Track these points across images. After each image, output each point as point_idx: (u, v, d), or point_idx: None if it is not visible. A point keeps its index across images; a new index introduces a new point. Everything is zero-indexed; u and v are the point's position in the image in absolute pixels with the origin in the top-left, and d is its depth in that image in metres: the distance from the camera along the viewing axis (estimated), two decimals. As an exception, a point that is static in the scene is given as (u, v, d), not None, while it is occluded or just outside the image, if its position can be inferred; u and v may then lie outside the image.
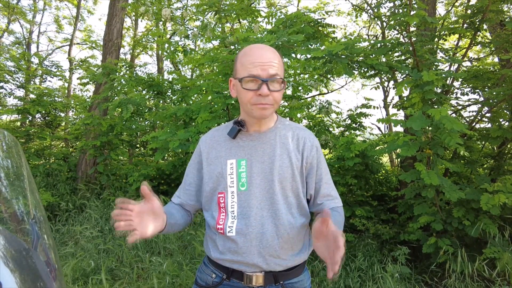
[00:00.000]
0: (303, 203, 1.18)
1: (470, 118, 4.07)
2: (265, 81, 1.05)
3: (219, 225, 1.14)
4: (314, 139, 1.21)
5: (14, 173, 1.03)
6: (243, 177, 1.14)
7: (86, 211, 4.73)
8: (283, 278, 1.14)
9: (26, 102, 6.54)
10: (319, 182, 1.19)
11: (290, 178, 1.14)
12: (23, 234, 0.96)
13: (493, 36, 4.38)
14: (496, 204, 2.58)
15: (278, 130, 1.19)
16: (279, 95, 1.10)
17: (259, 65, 1.06)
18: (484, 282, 2.71)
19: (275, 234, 1.11)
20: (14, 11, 11.02)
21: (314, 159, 1.18)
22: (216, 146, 1.21)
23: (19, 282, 0.80)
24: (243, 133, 1.18)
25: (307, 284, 1.21)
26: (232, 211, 1.13)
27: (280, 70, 1.09)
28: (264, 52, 1.09)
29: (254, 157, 1.15)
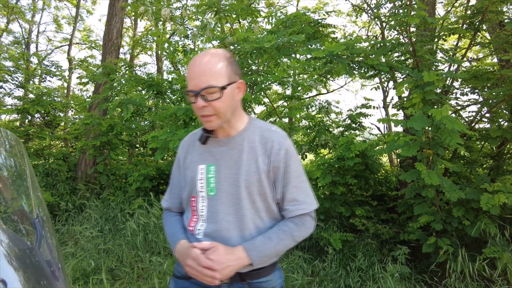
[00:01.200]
0: (272, 207, 1.18)
1: (470, 118, 4.08)
2: (197, 93, 1.07)
3: (190, 226, 1.20)
4: (283, 142, 1.17)
5: (17, 172, 1.03)
6: (212, 182, 1.16)
7: (86, 211, 4.72)
8: (249, 277, 1.16)
9: (26, 102, 6.53)
10: (286, 186, 1.17)
11: (257, 183, 1.14)
12: (26, 233, 0.96)
13: (492, 36, 4.39)
14: (496, 204, 2.59)
15: (246, 134, 1.19)
16: (219, 103, 1.08)
17: (192, 79, 1.08)
18: (484, 282, 2.71)
19: (240, 238, 1.13)
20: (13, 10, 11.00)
21: (281, 163, 1.15)
22: (191, 151, 1.25)
23: (22, 281, 0.80)
24: (213, 139, 1.20)
25: (276, 283, 1.22)
26: (202, 214, 1.17)
27: (216, 78, 1.07)
28: (195, 65, 1.09)
29: (223, 163, 1.17)
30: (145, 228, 3.96)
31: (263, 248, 1.10)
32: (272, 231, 1.15)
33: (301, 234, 1.18)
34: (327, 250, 3.30)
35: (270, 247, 1.11)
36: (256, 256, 1.09)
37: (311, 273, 3.13)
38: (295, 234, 1.16)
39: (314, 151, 4.55)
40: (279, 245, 1.13)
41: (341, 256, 3.33)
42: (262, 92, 4.34)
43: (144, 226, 3.98)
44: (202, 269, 1.05)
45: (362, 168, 3.91)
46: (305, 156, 4.89)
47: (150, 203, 4.45)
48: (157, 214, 4.10)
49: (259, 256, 1.10)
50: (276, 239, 1.13)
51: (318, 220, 3.65)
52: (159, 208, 4.22)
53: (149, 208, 4.26)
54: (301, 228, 1.18)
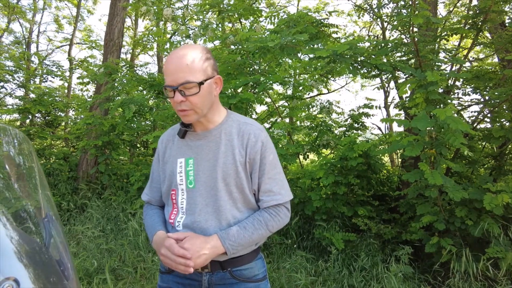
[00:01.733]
0: (249, 198, 1.21)
1: (472, 118, 4.09)
2: (175, 88, 1.09)
3: (170, 219, 1.22)
4: (260, 134, 1.20)
5: (26, 171, 1.03)
6: (191, 175, 1.19)
7: (88, 210, 4.72)
8: (229, 265, 1.18)
9: (27, 101, 6.52)
10: (261, 177, 1.19)
11: (234, 175, 1.17)
12: (35, 232, 0.96)
13: (494, 36, 4.39)
14: (499, 203, 2.59)
15: (224, 127, 1.22)
16: (196, 98, 1.11)
17: (170, 74, 1.10)
18: (488, 282, 2.71)
19: (218, 229, 1.16)
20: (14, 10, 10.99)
21: (257, 155, 1.18)
22: (170, 145, 1.28)
23: (35, 281, 0.79)
24: (192, 133, 1.24)
25: (259, 272, 1.24)
26: (182, 207, 1.20)
27: (194, 74, 1.09)
28: (172, 61, 1.11)
29: (201, 156, 1.20)
30: (147, 228, 3.96)
31: (237, 237, 1.13)
32: (247, 221, 1.18)
33: (275, 224, 1.20)
34: (329, 250, 3.30)
35: (245, 236, 1.14)
36: (230, 245, 1.11)
37: (314, 273, 3.13)
38: (270, 224, 1.19)
39: (316, 151, 4.55)
40: (254, 235, 1.15)
41: (343, 256, 3.33)
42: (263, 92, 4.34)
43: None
44: (175, 257, 1.07)
45: (364, 168, 3.91)
46: (307, 156, 4.89)
47: (152, 203, 4.44)
48: (159, 214, 4.09)
49: (233, 245, 1.12)
50: (251, 228, 1.15)
51: (320, 220, 3.65)
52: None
53: None
54: (276, 218, 1.20)
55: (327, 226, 3.59)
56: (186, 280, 1.21)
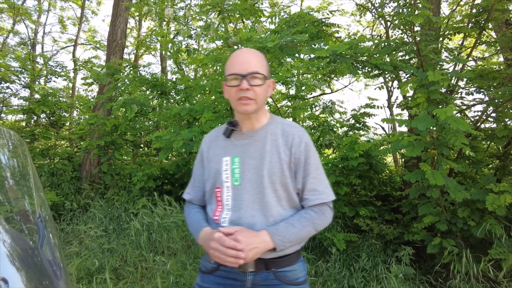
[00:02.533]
0: (293, 196, 1.24)
1: (475, 118, 4.05)
2: (244, 76, 1.17)
3: (215, 216, 1.25)
4: (303, 135, 1.26)
5: (20, 172, 1.04)
6: (237, 173, 1.23)
7: (91, 210, 4.75)
8: (274, 265, 1.20)
9: (31, 102, 6.58)
10: (306, 177, 1.23)
11: (279, 173, 1.21)
12: (29, 233, 0.96)
13: (498, 35, 4.35)
14: (502, 204, 2.57)
15: (269, 128, 1.28)
16: (260, 89, 1.20)
17: (239, 64, 1.20)
18: (489, 283, 2.68)
19: (265, 224, 1.19)
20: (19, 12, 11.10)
21: (301, 155, 1.23)
22: (215, 145, 1.33)
23: (25, 280, 0.80)
24: (237, 133, 1.29)
25: (301, 275, 1.25)
26: (227, 204, 1.23)
27: (261, 68, 1.20)
28: (243, 53, 1.23)
29: (247, 154, 1.24)
30: (149, 227, 3.98)
31: (286, 233, 1.15)
32: (294, 218, 1.21)
33: (321, 223, 1.23)
34: (330, 251, 3.28)
35: (293, 232, 1.17)
36: (279, 241, 1.14)
37: (314, 274, 3.12)
38: (316, 222, 1.22)
39: (318, 151, 4.54)
40: (301, 232, 1.18)
41: (344, 257, 3.31)
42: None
43: (148, 226, 3.99)
44: (226, 249, 1.09)
45: (366, 168, 3.89)
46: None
47: (154, 203, 4.47)
48: (161, 214, 4.11)
49: (282, 241, 1.14)
50: (298, 225, 1.18)
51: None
52: (163, 208, 4.23)
53: (153, 208, 4.27)
54: (321, 216, 1.23)
55: (329, 226, 3.58)
56: (228, 280, 1.22)
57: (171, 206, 4.30)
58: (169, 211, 4.19)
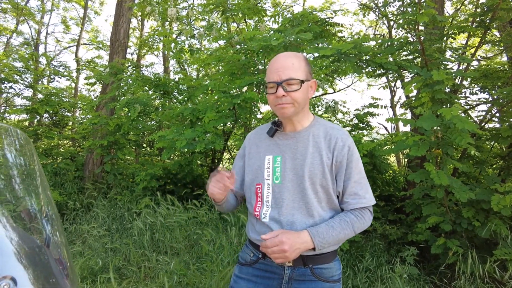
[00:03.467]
0: (332, 198, 1.27)
1: (479, 118, 4.02)
2: (278, 84, 1.20)
3: (255, 211, 1.30)
4: (347, 139, 1.27)
5: (27, 171, 1.03)
6: (278, 171, 1.27)
7: (93, 210, 4.76)
8: (311, 262, 1.24)
9: (34, 102, 6.60)
10: (348, 180, 1.25)
11: (320, 175, 1.23)
12: (36, 232, 0.96)
13: (503, 35, 4.32)
14: (507, 204, 2.55)
15: (312, 130, 1.30)
16: (297, 94, 1.22)
17: (274, 71, 1.22)
18: (495, 284, 2.67)
19: (304, 223, 1.23)
20: (22, 12, 11.13)
21: (344, 158, 1.25)
22: (258, 143, 1.37)
23: (32, 279, 0.80)
24: (281, 133, 1.33)
25: (336, 273, 1.28)
26: (267, 200, 1.28)
27: (297, 72, 1.22)
28: (279, 59, 1.25)
29: (288, 154, 1.28)
30: (152, 227, 3.98)
31: (326, 235, 1.19)
32: (334, 220, 1.23)
33: (360, 226, 1.25)
34: (334, 251, 3.27)
35: (333, 234, 1.19)
36: (319, 242, 1.18)
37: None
38: (356, 225, 1.23)
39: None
40: (340, 234, 1.21)
41: (348, 257, 3.30)
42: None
43: (151, 226, 3.99)
44: (272, 250, 1.14)
45: (369, 168, 3.88)
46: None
47: (157, 203, 4.47)
48: (164, 214, 4.11)
49: (322, 242, 1.18)
50: (338, 228, 1.21)
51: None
52: (165, 208, 4.23)
53: (156, 207, 4.27)
54: (361, 220, 1.25)
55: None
56: (267, 273, 1.28)
57: (174, 206, 4.30)
58: (172, 210, 4.19)
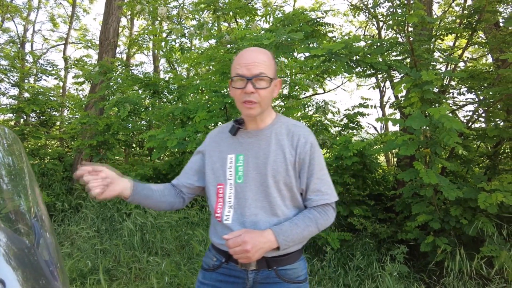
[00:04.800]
0: (296, 196, 1.24)
1: (466, 118, 4.11)
2: (249, 79, 1.16)
3: (217, 213, 1.25)
4: (309, 136, 1.25)
5: (15, 171, 1.01)
6: (240, 170, 1.23)
7: (82, 211, 4.68)
8: (275, 264, 1.21)
9: (21, 101, 6.47)
10: (310, 177, 1.23)
11: (284, 173, 1.21)
12: (25, 233, 0.94)
13: (488, 37, 4.41)
14: (494, 202, 2.61)
15: (274, 128, 1.27)
16: (265, 92, 1.19)
17: (244, 65, 1.17)
18: (482, 280, 2.72)
19: (268, 223, 1.19)
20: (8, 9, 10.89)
21: (306, 155, 1.23)
22: (220, 142, 1.32)
23: (21, 281, 0.78)
24: (243, 131, 1.29)
25: (301, 273, 1.26)
26: (230, 201, 1.23)
27: (267, 70, 1.19)
28: (250, 54, 1.20)
29: (251, 153, 1.24)
30: (142, 228, 3.94)
31: (290, 233, 1.16)
32: (298, 217, 1.21)
33: (324, 223, 1.24)
34: (325, 250, 3.30)
35: (297, 232, 1.17)
36: (283, 240, 1.14)
37: (310, 272, 3.12)
38: (319, 222, 1.22)
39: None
40: (304, 231, 1.19)
41: (339, 256, 3.33)
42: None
43: (141, 226, 3.95)
44: (234, 250, 1.10)
45: (359, 167, 3.91)
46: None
47: (147, 203, 4.41)
48: (154, 214, 4.07)
49: (286, 240, 1.15)
50: (302, 225, 1.19)
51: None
52: (156, 208, 4.19)
53: (146, 208, 4.23)
54: (324, 217, 1.24)
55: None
56: (230, 278, 1.24)
57: (164, 206, 4.26)
58: (163, 211, 4.15)
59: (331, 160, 3.74)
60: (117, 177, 1.14)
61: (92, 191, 1.06)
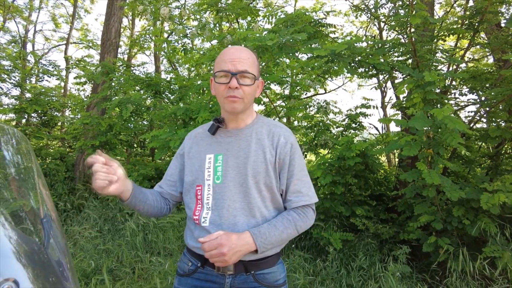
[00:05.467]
0: (277, 196, 1.22)
1: (468, 118, 4.11)
2: (234, 74, 1.15)
3: (195, 216, 1.21)
4: (289, 136, 1.24)
5: (24, 171, 1.02)
6: (219, 170, 1.20)
7: (85, 211, 4.70)
8: (253, 268, 1.17)
9: (23, 101, 6.48)
10: (290, 178, 1.21)
11: (264, 173, 1.18)
12: (34, 233, 0.95)
13: (490, 37, 4.42)
14: (496, 203, 2.61)
15: (255, 127, 1.25)
16: (249, 89, 1.18)
17: (229, 61, 1.16)
18: (484, 281, 2.73)
19: (246, 225, 1.16)
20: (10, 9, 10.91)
21: (287, 156, 1.21)
22: (199, 142, 1.29)
23: (34, 281, 0.79)
24: (223, 130, 1.26)
25: (280, 277, 1.23)
26: (207, 202, 1.19)
27: (251, 67, 1.18)
28: (234, 51, 1.20)
29: (230, 152, 1.21)
30: (145, 228, 3.95)
31: (268, 235, 1.13)
32: (277, 219, 1.18)
33: (303, 225, 1.21)
34: (327, 250, 3.30)
35: (276, 234, 1.14)
36: (261, 243, 1.11)
37: (312, 273, 3.13)
38: (298, 224, 1.19)
39: (314, 151, 4.56)
40: (283, 233, 1.16)
41: (341, 256, 3.33)
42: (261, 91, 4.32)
43: (143, 226, 3.96)
44: (210, 253, 1.06)
45: (362, 168, 3.91)
46: (304, 156, 4.89)
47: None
48: (157, 214, 4.08)
49: (264, 243, 1.12)
50: (281, 227, 1.16)
51: (318, 220, 3.65)
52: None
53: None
54: (304, 218, 1.21)
55: (325, 226, 3.60)
56: (207, 283, 1.19)
57: (167, 206, 4.27)
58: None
59: (333, 161, 3.75)
60: (124, 177, 1.12)
61: (96, 182, 1.03)
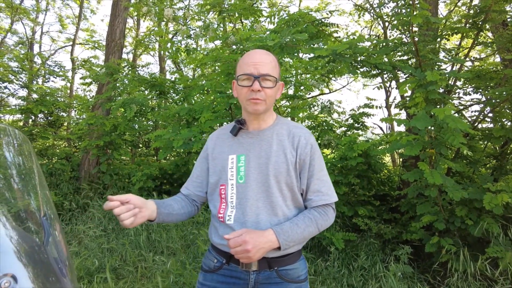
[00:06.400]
0: (297, 196, 1.26)
1: (473, 118, 4.08)
2: (256, 77, 1.19)
3: (219, 214, 1.26)
4: (309, 137, 1.28)
5: (25, 171, 1.04)
6: (242, 170, 1.25)
7: (89, 210, 4.75)
8: (276, 264, 1.22)
9: (29, 102, 6.57)
10: (311, 178, 1.25)
11: (285, 173, 1.23)
12: (34, 231, 0.97)
13: (495, 36, 4.38)
14: (499, 203, 2.59)
15: (275, 128, 1.30)
16: (271, 91, 1.23)
17: (252, 65, 1.21)
18: (486, 281, 2.71)
19: (269, 222, 1.21)
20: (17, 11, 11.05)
21: (307, 156, 1.25)
22: (221, 143, 1.34)
23: (32, 278, 0.81)
24: (244, 131, 1.31)
25: (302, 273, 1.27)
26: (231, 201, 1.25)
27: (273, 70, 1.23)
28: (258, 54, 1.24)
29: (252, 153, 1.26)
30: (148, 227, 3.98)
31: (291, 233, 1.17)
32: (298, 217, 1.22)
33: (324, 223, 1.25)
34: (329, 250, 3.30)
35: (298, 232, 1.18)
36: (284, 240, 1.15)
37: (314, 272, 3.14)
38: (320, 222, 1.23)
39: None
40: (305, 231, 1.20)
41: (343, 256, 3.33)
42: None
43: (147, 226, 4.00)
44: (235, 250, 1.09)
45: (364, 167, 3.91)
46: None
47: (153, 203, 4.46)
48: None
49: (287, 240, 1.16)
50: (302, 225, 1.20)
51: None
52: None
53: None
54: (324, 217, 1.25)
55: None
56: (232, 279, 1.24)
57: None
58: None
59: (336, 161, 3.75)
60: (143, 203, 1.15)
61: (124, 223, 1.09)
